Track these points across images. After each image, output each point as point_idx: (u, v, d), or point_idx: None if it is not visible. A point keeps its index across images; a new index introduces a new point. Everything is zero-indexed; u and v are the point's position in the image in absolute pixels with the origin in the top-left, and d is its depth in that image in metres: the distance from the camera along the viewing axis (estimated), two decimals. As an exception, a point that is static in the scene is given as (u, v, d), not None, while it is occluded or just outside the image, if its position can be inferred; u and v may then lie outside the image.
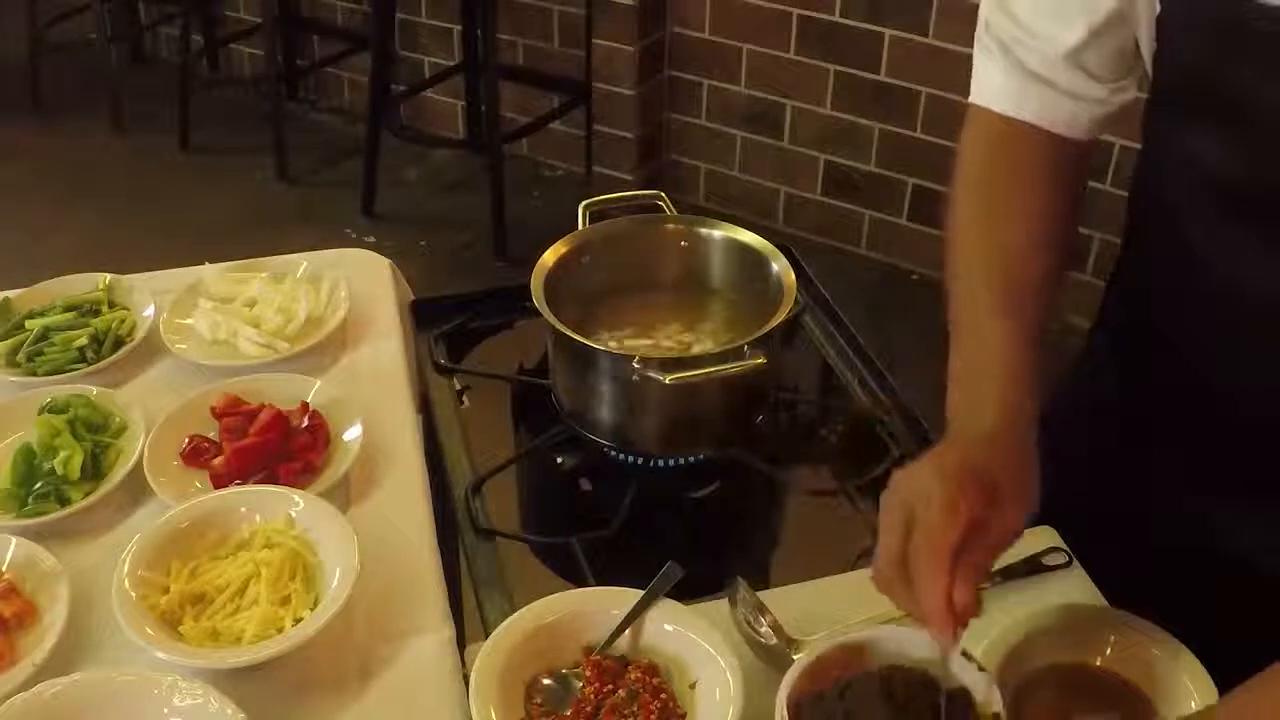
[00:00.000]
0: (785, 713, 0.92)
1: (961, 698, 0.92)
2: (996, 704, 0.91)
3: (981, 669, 0.93)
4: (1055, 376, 1.29)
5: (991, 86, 1.09)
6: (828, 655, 0.96)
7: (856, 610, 1.09)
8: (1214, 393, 1.06)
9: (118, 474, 1.25)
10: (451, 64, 4.08)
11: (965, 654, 0.93)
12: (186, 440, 1.29)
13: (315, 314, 1.48)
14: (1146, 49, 1.02)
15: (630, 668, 1.03)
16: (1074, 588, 1.14)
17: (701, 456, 1.35)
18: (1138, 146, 1.08)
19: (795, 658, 0.99)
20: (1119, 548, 1.18)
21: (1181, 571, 1.19)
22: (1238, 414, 1.05)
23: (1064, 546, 1.17)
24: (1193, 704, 0.96)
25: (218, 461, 1.27)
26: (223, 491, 1.22)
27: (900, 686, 0.93)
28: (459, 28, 3.98)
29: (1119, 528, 1.20)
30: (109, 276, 1.53)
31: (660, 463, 1.34)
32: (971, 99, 1.11)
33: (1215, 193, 0.97)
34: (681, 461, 1.35)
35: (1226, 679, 0.95)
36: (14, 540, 1.15)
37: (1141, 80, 1.06)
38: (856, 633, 0.98)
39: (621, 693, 1.01)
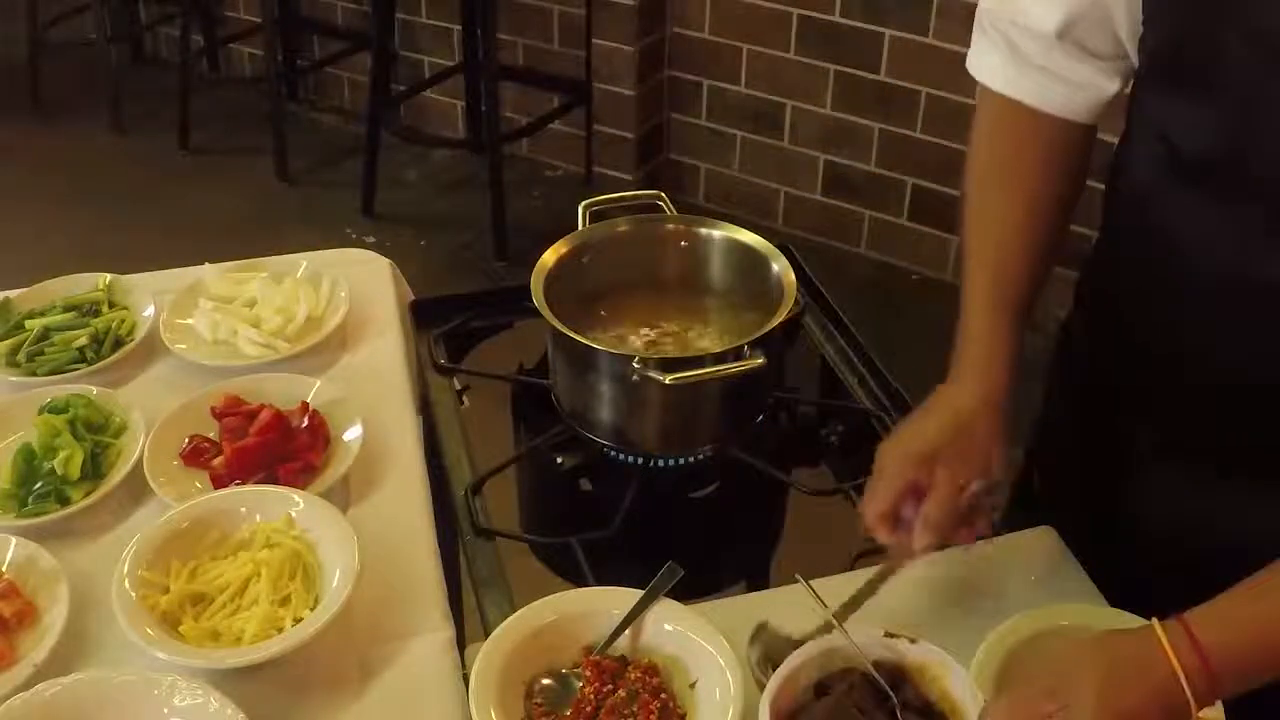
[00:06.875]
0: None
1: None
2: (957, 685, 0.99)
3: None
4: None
5: (989, 63, 1.14)
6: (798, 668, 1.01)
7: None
8: (1178, 362, 1.09)
9: (118, 474, 1.25)
10: (451, 64, 4.07)
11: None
12: (186, 440, 1.29)
13: (315, 314, 1.48)
14: (1129, 31, 1.05)
15: (630, 668, 1.03)
16: (1074, 588, 1.14)
17: (701, 456, 1.35)
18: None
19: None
20: (1119, 548, 1.18)
21: (1181, 570, 1.18)
22: (1200, 382, 1.08)
23: (1064, 546, 1.17)
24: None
25: (218, 461, 1.27)
26: (223, 491, 1.22)
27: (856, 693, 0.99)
28: (459, 28, 3.98)
29: (1119, 527, 1.21)
30: (109, 276, 1.53)
31: (660, 463, 1.34)
32: (970, 71, 1.17)
33: (1179, 163, 1.01)
34: (681, 461, 1.35)
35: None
36: (14, 540, 1.15)
37: (1127, 70, 1.09)
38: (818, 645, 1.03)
39: (621, 693, 1.01)
